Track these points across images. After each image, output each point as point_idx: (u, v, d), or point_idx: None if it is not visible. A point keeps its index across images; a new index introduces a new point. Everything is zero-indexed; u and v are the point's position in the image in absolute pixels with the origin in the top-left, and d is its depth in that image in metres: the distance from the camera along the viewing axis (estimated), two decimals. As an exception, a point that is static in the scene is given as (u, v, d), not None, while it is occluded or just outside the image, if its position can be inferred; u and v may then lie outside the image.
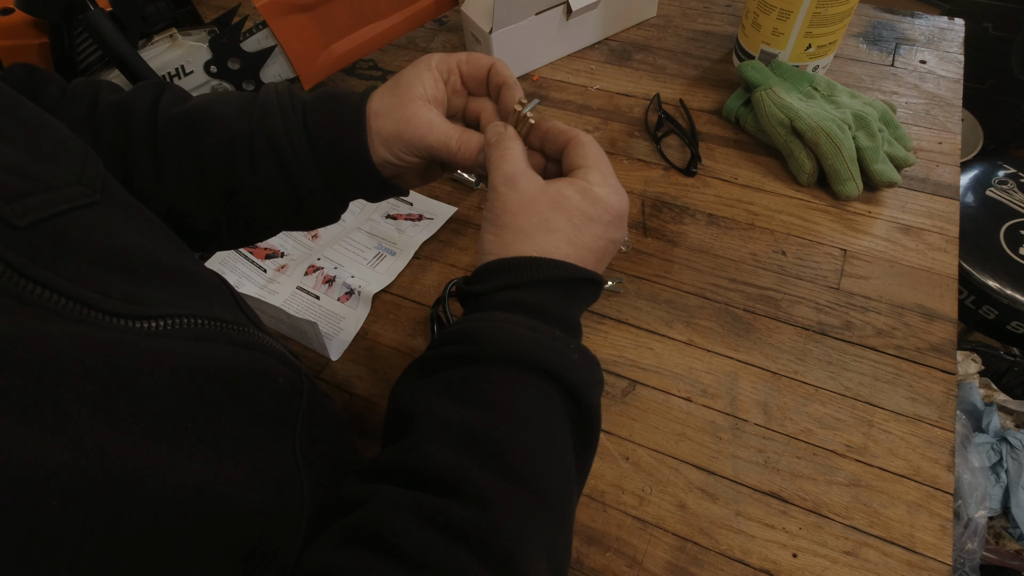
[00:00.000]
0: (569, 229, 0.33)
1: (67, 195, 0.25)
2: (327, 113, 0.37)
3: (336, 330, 0.58)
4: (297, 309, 0.60)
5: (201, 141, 0.37)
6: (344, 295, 0.60)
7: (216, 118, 0.37)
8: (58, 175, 0.25)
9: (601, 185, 0.34)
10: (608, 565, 0.44)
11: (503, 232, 0.33)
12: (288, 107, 0.37)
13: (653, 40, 0.82)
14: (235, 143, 0.37)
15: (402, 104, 0.37)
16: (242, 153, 0.37)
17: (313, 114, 0.38)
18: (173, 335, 0.25)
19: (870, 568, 0.43)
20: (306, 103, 0.38)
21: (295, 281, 0.62)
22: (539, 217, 0.33)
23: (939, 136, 0.67)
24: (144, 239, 0.28)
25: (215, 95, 0.40)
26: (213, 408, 0.25)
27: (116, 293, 0.24)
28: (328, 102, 0.38)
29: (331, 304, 0.60)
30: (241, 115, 0.37)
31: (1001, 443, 0.92)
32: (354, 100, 0.38)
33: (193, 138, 0.37)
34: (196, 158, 0.38)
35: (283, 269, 0.63)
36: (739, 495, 0.47)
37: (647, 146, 0.70)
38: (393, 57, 0.85)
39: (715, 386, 0.52)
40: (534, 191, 0.33)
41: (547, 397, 0.30)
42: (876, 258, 0.58)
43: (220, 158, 0.37)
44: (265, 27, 0.67)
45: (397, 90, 0.38)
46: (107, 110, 0.38)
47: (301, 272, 0.63)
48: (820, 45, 0.68)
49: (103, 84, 0.41)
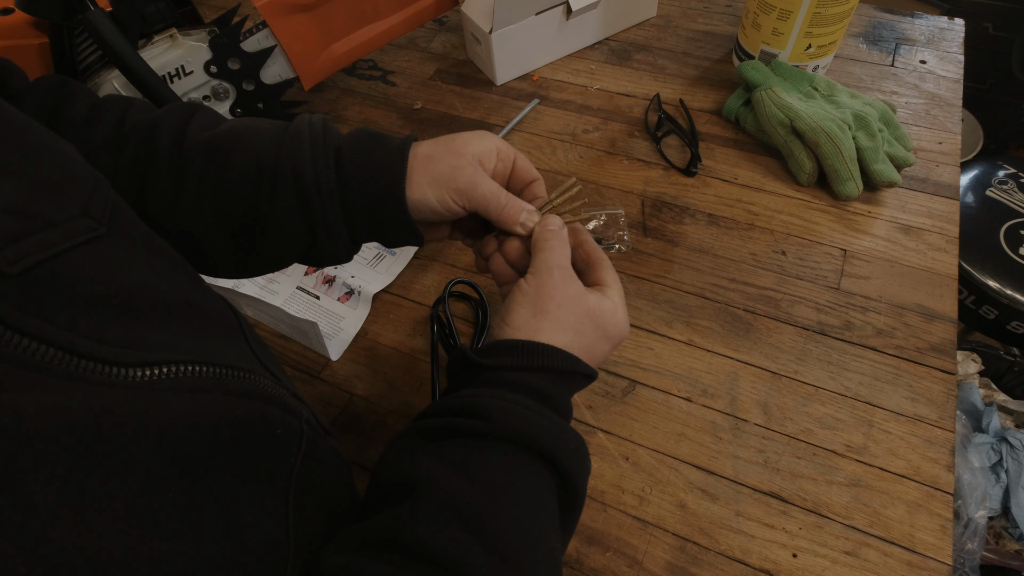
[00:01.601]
0: (592, 338, 0.36)
1: (69, 231, 0.24)
2: (366, 149, 0.37)
3: (336, 330, 0.58)
4: (297, 309, 0.60)
5: (225, 168, 0.37)
6: (344, 295, 0.60)
7: (244, 146, 0.37)
8: (62, 208, 0.24)
9: (622, 308, 0.38)
10: (608, 565, 0.44)
11: (541, 317, 0.35)
12: (320, 139, 0.37)
13: (653, 40, 0.82)
14: (260, 172, 0.36)
15: (458, 153, 0.38)
16: (265, 182, 0.36)
17: (350, 149, 0.37)
18: (167, 386, 0.24)
19: (870, 568, 0.43)
20: (342, 138, 0.38)
21: (295, 281, 0.62)
22: (576, 317, 0.35)
23: (939, 136, 0.67)
24: (150, 272, 0.27)
25: (250, 122, 0.39)
26: (200, 473, 0.23)
27: (112, 337, 0.23)
28: (368, 139, 0.38)
29: (331, 304, 0.60)
30: (272, 144, 0.37)
31: (1001, 443, 0.92)
32: (397, 140, 0.38)
33: (217, 164, 0.37)
34: (217, 184, 0.37)
35: (283, 269, 0.63)
36: (739, 495, 0.47)
37: (647, 146, 0.70)
38: (393, 57, 0.85)
39: (715, 386, 0.52)
40: (580, 292, 0.36)
41: (544, 481, 0.31)
42: (876, 258, 0.58)
43: (242, 186, 0.37)
44: (265, 27, 0.67)
45: (453, 143, 0.39)
46: (133, 128, 0.38)
47: (301, 272, 0.63)
48: (820, 45, 0.68)
49: (135, 102, 0.40)
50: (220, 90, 0.71)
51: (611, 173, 0.68)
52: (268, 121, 0.39)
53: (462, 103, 0.78)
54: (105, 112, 0.38)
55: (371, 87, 0.82)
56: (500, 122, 0.75)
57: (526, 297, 0.36)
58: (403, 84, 0.82)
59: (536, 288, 0.36)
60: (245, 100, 0.73)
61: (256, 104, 0.73)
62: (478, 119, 0.76)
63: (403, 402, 0.54)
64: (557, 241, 0.37)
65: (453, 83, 0.81)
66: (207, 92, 0.71)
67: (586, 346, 0.36)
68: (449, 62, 0.84)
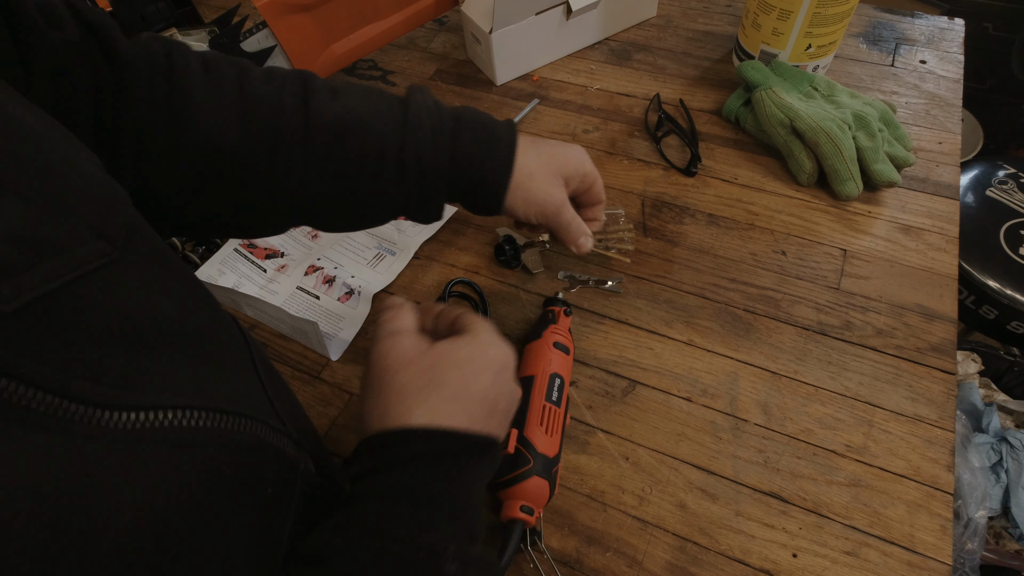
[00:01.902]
0: (457, 379, 0.32)
1: (78, 257, 0.22)
2: (479, 147, 0.41)
3: (336, 330, 0.58)
4: (297, 309, 0.60)
5: (351, 150, 0.39)
6: (344, 295, 0.60)
7: (369, 129, 0.39)
8: (72, 230, 0.22)
9: (487, 333, 0.35)
10: (608, 565, 0.44)
11: (384, 394, 0.32)
12: (440, 129, 0.40)
13: (653, 40, 0.82)
14: (383, 156, 0.39)
15: (554, 177, 0.44)
16: (389, 167, 0.39)
17: (463, 143, 0.41)
18: (158, 437, 0.22)
19: (870, 568, 0.43)
20: (457, 124, 0.41)
21: (295, 281, 0.62)
22: (425, 373, 0.32)
23: (939, 136, 0.67)
24: (162, 296, 0.25)
25: (366, 99, 0.40)
26: (182, 546, 0.22)
27: (111, 375, 0.21)
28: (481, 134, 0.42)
29: (331, 304, 0.60)
30: (395, 130, 0.39)
31: (1001, 443, 0.92)
32: (505, 146, 0.42)
33: (344, 145, 0.38)
34: (342, 164, 0.39)
35: (283, 269, 0.63)
36: (739, 495, 0.47)
37: (647, 146, 0.70)
38: (393, 57, 0.85)
39: (715, 386, 0.52)
40: (420, 346, 0.33)
41: None
42: (876, 258, 0.58)
43: (367, 167, 0.39)
44: (265, 27, 0.67)
45: (555, 162, 0.44)
46: (256, 103, 0.37)
47: (301, 272, 0.63)
48: (820, 45, 0.68)
49: (240, 64, 0.39)
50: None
51: (611, 173, 0.68)
52: (383, 97, 0.41)
53: (462, 103, 0.78)
54: (223, 82, 0.37)
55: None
56: (500, 122, 0.75)
57: (365, 385, 0.33)
58: (403, 84, 0.81)
59: (370, 368, 0.33)
60: (245, 100, 0.73)
61: (256, 104, 0.73)
62: (478, 119, 0.76)
63: (403, 402, 0.54)
64: (389, 312, 0.36)
65: (453, 83, 0.81)
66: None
67: (452, 394, 0.32)
68: (449, 62, 0.84)
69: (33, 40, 0.30)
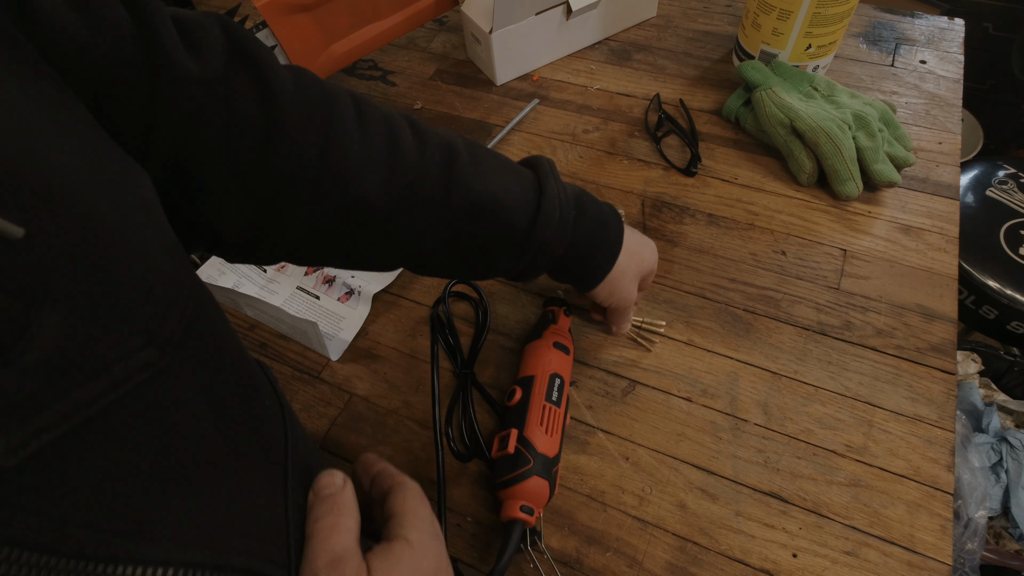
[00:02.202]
0: None
1: (114, 378, 0.18)
2: (592, 244, 0.45)
3: (336, 330, 0.58)
4: (297, 309, 0.60)
5: (482, 229, 0.40)
6: (344, 295, 0.60)
7: (502, 213, 0.40)
8: (119, 341, 0.18)
9: (418, 532, 0.30)
10: (608, 565, 0.44)
11: None
12: (566, 222, 0.42)
13: (653, 40, 0.82)
14: (511, 238, 0.41)
15: (637, 277, 0.49)
16: (514, 250, 0.41)
17: (580, 235, 0.43)
18: None
19: (870, 568, 0.43)
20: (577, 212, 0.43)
21: (295, 281, 0.62)
22: None
23: (939, 136, 0.67)
24: (206, 410, 0.22)
25: (500, 169, 0.41)
26: None
27: (116, 522, 0.18)
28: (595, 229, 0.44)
29: (331, 304, 0.60)
30: (526, 218, 0.40)
31: (1001, 443, 0.92)
32: (613, 243, 0.46)
33: (476, 224, 0.39)
34: (469, 239, 0.40)
35: (283, 269, 0.63)
36: (739, 495, 0.47)
37: (647, 146, 0.70)
38: (393, 57, 0.85)
39: (715, 386, 0.52)
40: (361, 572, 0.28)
41: None
42: (876, 258, 0.58)
43: (494, 246, 0.41)
44: (265, 27, 0.67)
45: (642, 262, 0.49)
46: (405, 168, 0.36)
47: (301, 272, 0.63)
48: (820, 45, 0.68)
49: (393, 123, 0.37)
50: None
51: (611, 173, 0.68)
52: (519, 177, 0.42)
53: (462, 103, 0.78)
54: (375, 139, 0.35)
55: (371, 87, 0.82)
56: (500, 122, 0.75)
57: None
58: (403, 84, 0.82)
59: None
60: (245, 100, 0.73)
61: (256, 104, 0.73)
62: (478, 119, 0.76)
63: (403, 402, 0.54)
64: (333, 517, 0.28)
65: (453, 83, 0.81)
66: None
67: None
68: (449, 62, 0.84)
69: (167, 75, 0.26)
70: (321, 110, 0.33)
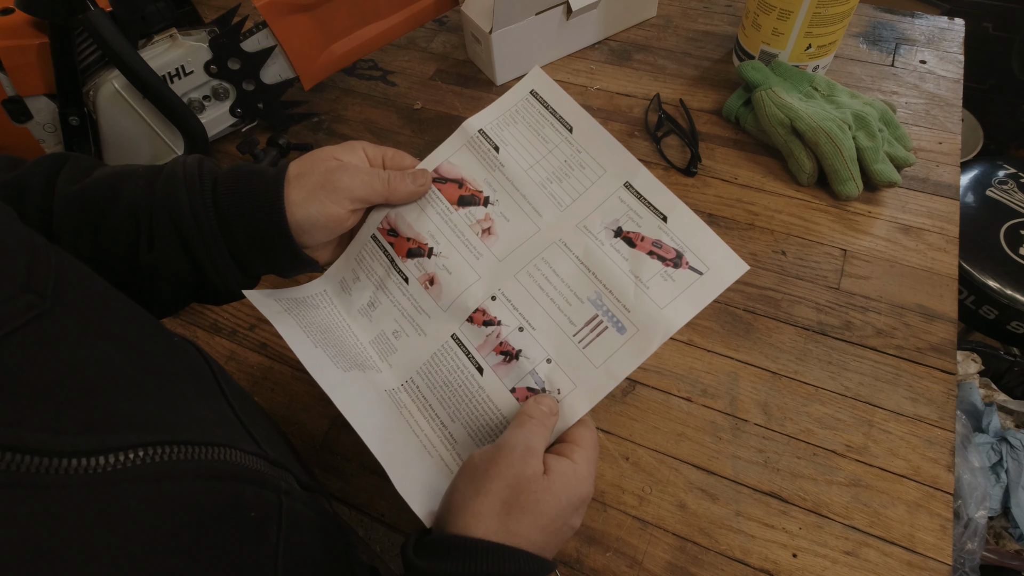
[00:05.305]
0: (553, 513, 0.32)
1: (4, 315, 0.22)
2: (242, 181, 0.37)
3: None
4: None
5: (101, 219, 0.35)
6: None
7: (119, 195, 0.36)
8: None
9: (585, 463, 0.34)
10: (608, 565, 0.44)
11: (489, 499, 0.31)
12: (195, 180, 0.36)
13: (653, 40, 0.82)
14: (138, 220, 0.36)
15: (325, 159, 0.38)
16: (143, 230, 0.36)
17: (226, 184, 0.37)
18: (131, 475, 0.22)
19: (870, 568, 0.43)
20: (218, 175, 0.37)
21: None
22: (533, 498, 0.32)
23: (939, 136, 0.67)
24: (105, 341, 0.25)
25: (121, 169, 0.37)
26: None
27: (69, 424, 0.21)
28: (245, 172, 0.37)
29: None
30: (145, 189, 0.36)
31: (1001, 443, 0.92)
32: (272, 170, 0.37)
33: (92, 216, 0.35)
34: (93, 237, 0.36)
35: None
36: (739, 495, 0.47)
37: (647, 146, 0.70)
38: (393, 57, 0.85)
39: (715, 386, 0.52)
40: (538, 470, 0.33)
41: None
42: (876, 258, 0.58)
43: (120, 236, 0.36)
44: (265, 27, 0.67)
45: (320, 153, 0.38)
46: (1, 189, 0.35)
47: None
48: (820, 45, 0.68)
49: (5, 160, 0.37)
50: (220, 90, 0.71)
51: (611, 173, 0.68)
52: (141, 167, 0.38)
53: (462, 103, 0.78)
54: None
55: (371, 87, 0.82)
56: (500, 122, 0.75)
57: (487, 479, 0.32)
58: (403, 84, 0.82)
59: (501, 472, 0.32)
60: (245, 100, 0.73)
61: (256, 104, 0.73)
62: (478, 119, 0.76)
63: (403, 402, 0.54)
64: (538, 423, 0.34)
65: (453, 83, 0.81)
66: (207, 92, 0.71)
67: (543, 526, 0.32)
68: (449, 62, 0.84)
69: None
70: None
